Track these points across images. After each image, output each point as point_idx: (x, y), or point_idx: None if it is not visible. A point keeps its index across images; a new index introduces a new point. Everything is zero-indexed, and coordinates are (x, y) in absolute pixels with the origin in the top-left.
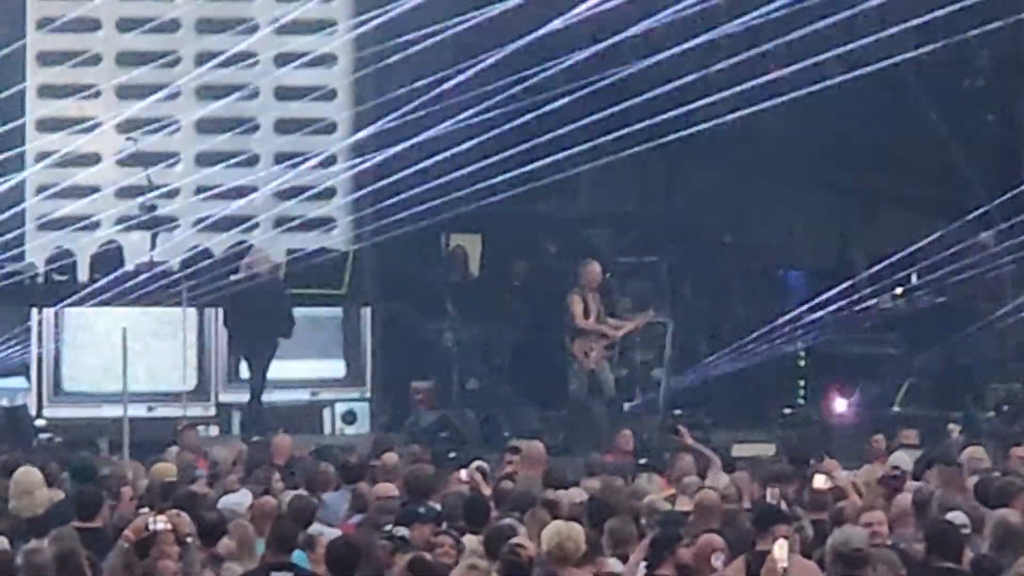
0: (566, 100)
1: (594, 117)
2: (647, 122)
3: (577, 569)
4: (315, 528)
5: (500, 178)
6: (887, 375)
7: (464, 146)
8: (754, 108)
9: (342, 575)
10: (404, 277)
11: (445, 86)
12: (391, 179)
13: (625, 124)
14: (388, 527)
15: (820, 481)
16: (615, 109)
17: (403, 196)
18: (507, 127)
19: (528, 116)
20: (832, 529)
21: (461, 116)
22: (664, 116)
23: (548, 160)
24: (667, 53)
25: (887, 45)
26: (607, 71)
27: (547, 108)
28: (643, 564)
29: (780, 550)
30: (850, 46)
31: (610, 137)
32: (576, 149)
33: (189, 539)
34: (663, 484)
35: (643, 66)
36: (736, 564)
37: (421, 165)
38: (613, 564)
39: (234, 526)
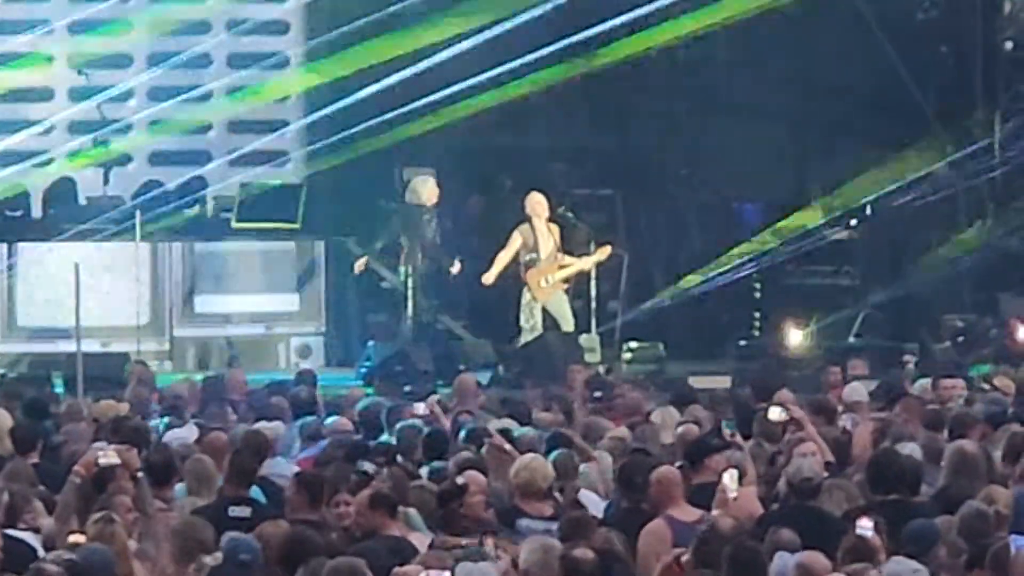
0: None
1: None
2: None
3: (537, 502)
4: (271, 463)
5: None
6: (842, 306)
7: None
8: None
9: (310, 508)
10: (358, 211)
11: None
12: (343, 106)
13: (577, 54)
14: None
15: (775, 413)
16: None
17: (356, 128)
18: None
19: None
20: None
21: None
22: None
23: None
24: None
25: None
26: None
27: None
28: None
29: (731, 480)
30: None
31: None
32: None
33: (139, 474)
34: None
35: None
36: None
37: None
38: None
39: (192, 461)
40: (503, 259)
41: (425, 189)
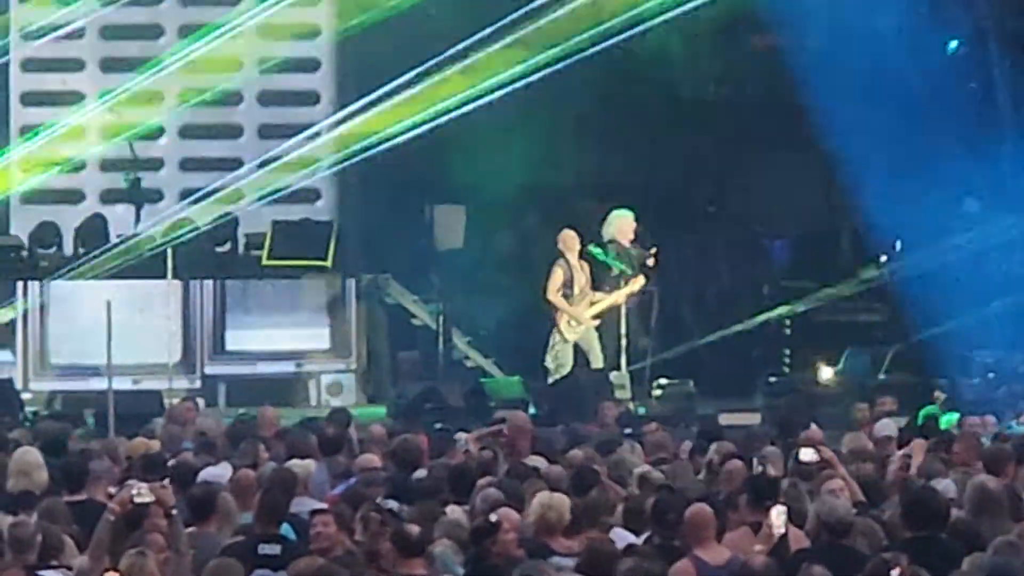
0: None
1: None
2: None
3: (566, 539)
4: (299, 501)
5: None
6: (872, 343)
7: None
8: None
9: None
10: (388, 248)
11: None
12: (375, 149)
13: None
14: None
15: (807, 455)
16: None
17: (386, 167)
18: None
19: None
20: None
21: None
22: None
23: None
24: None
25: (869, 11)
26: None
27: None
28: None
29: (777, 517)
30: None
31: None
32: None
33: (174, 511)
34: (643, 455)
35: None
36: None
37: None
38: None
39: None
40: (558, 297)
41: (624, 223)
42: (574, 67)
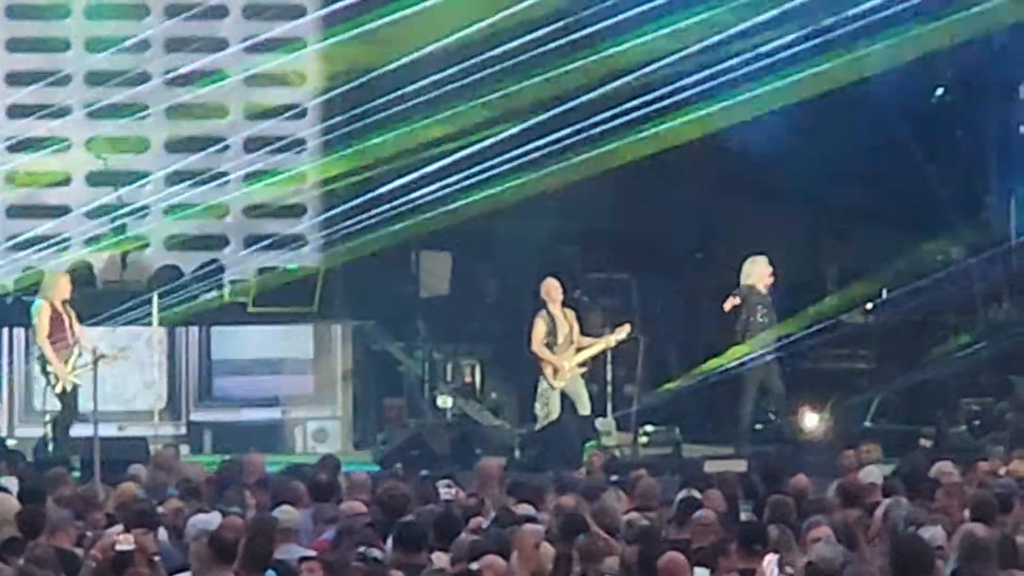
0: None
1: (563, 132)
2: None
3: None
4: (286, 548)
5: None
6: (858, 390)
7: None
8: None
9: None
10: (374, 294)
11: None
12: (360, 191)
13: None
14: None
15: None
16: (585, 123)
17: (373, 213)
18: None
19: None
20: None
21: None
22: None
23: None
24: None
25: (857, 61)
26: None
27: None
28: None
29: (768, 564)
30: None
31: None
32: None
33: (156, 558)
34: (628, 501)
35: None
36: None
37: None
38: None
39: (195, 547)
40: (543, 348)
41: (762, 269)
42: (560, 113)
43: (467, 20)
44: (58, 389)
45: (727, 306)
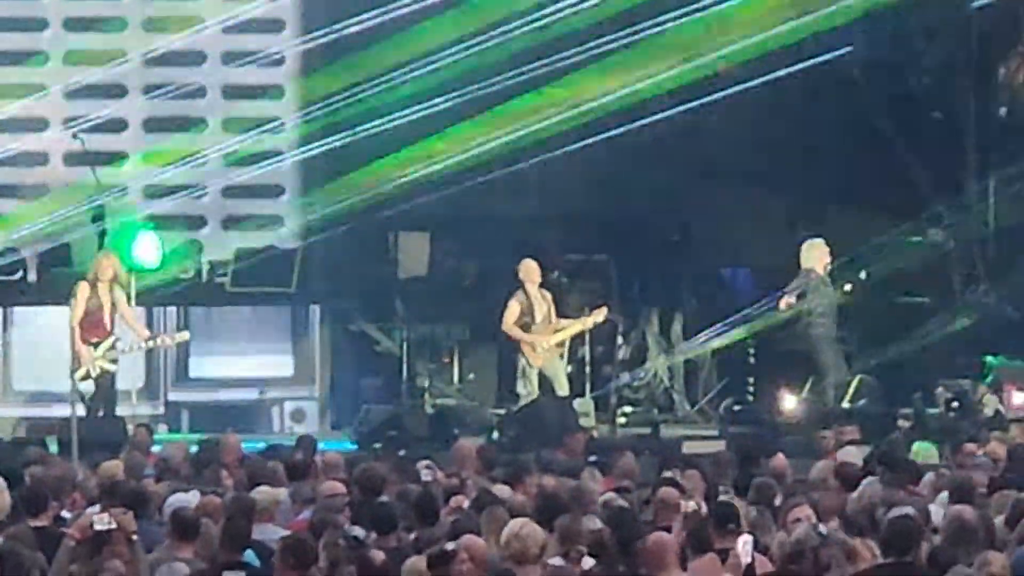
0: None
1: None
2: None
3: (531, 566)
4: (263, 528)
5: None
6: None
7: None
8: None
9: (296, 573)
10: (352, 275)
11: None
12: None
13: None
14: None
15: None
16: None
17: (352, 193)
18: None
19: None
20: None
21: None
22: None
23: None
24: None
25: (833, 43)
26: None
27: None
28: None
29: (743, 546)
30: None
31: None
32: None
33: (134, 537)
34: (604, 482)
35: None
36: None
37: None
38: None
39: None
40: (515, 328)
41: (821, 252)
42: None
43: None
44: (80, 373)
45: (783, 304)
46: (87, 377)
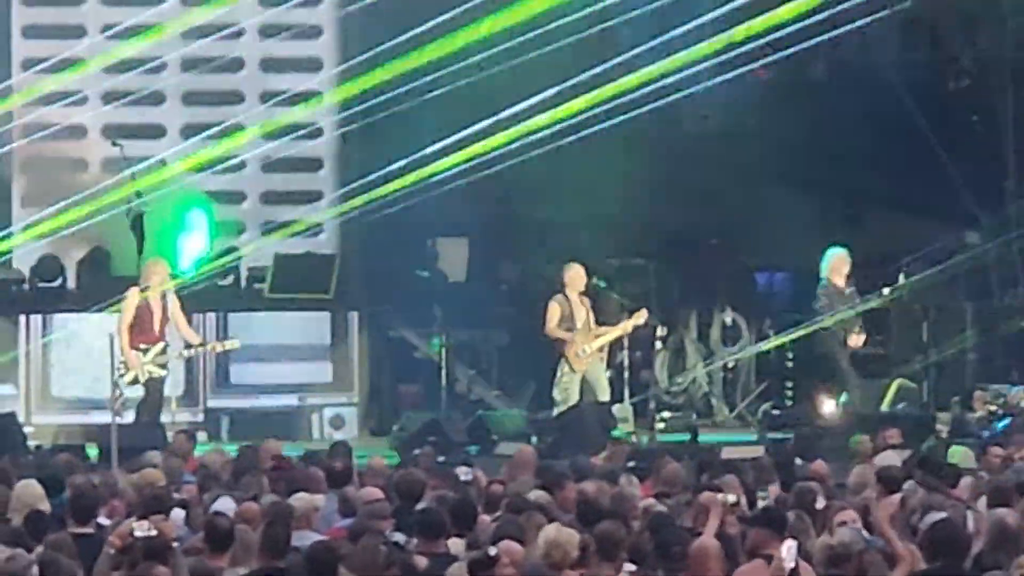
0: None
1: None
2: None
3: (571, 571)
4: (302, 535)
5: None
6: (875, 375)
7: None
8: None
9: None
10: (391, 281)
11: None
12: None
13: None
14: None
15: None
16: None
17: (390, 200)
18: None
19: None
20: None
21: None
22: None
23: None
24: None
25: (871, 46)
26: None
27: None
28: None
29: (787, 551)
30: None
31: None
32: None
33: (175, 544)
34: (643, 489)
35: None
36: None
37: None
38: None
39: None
40: (559, 330)
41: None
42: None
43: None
44: (128, 379)
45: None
46: (135, 382)
